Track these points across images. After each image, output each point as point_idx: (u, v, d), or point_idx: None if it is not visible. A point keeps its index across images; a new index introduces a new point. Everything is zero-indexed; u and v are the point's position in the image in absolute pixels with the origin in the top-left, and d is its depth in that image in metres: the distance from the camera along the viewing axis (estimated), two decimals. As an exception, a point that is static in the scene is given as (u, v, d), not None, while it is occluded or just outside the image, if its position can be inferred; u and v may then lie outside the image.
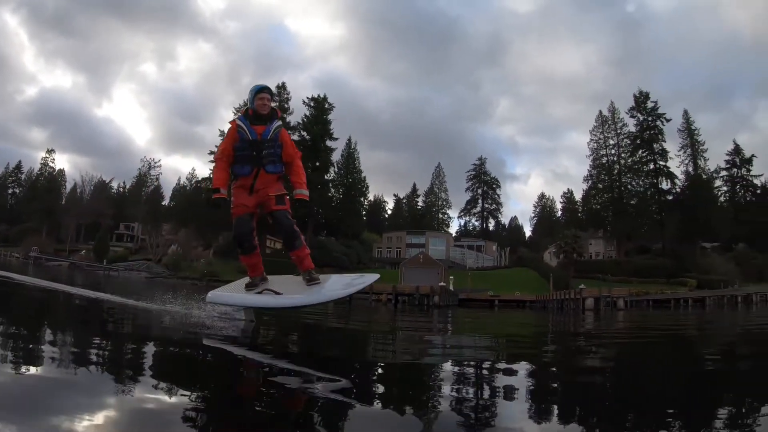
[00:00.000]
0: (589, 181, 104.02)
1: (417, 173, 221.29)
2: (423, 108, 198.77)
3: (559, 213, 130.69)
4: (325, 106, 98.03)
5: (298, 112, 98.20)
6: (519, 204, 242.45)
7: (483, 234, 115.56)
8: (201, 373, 4.06)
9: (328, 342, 7.60)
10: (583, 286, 55.32)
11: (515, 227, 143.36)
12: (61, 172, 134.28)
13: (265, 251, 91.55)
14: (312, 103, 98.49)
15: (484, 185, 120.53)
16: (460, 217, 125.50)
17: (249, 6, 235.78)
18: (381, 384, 4.12)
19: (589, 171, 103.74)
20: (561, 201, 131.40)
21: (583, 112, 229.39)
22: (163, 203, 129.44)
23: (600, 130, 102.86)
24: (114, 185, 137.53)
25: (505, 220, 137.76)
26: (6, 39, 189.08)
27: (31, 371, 3.27)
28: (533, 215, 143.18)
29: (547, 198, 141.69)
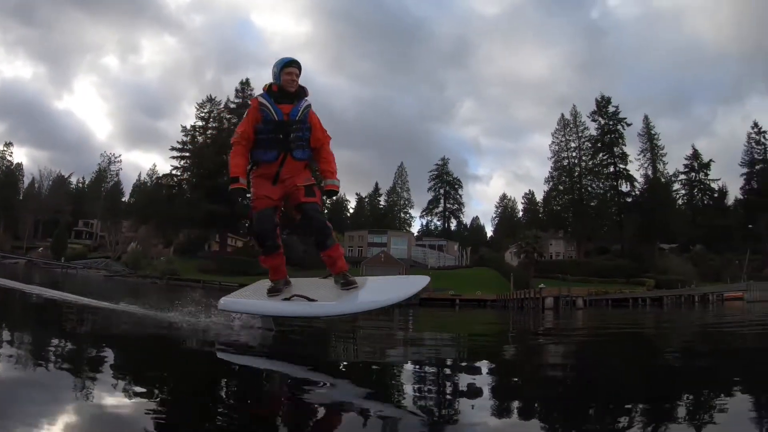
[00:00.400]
0: (551, 183, 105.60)
1: (380, 172, 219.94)
2: (387, 107, 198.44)
3: (521, 214, 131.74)
4: None
5: None
6: (481, 204, 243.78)
7: (445, 234, 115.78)
8: (218, 390, 3.74)
9: (296, 342, 7.01)
10: (543, 285, 55.94)
11: (477, 227, 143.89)
12: (19, 166, 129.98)
13: (227, 250, 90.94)
14: None
15: (446, 185, 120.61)
16: (422, 217, 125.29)
17: (215, 0, 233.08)
18: (345, 384, 4.10)
19: (551, 173, 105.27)
20: (522, 202, 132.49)
21: (547, 114, 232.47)
22: (123, 200, 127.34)
23: (562, 133, 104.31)
24: (73, 180, 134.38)
25: (467, 220, 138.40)
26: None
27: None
28: (495, 215, 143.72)
29: (509, 199, 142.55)
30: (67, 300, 10.33)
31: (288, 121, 6.16)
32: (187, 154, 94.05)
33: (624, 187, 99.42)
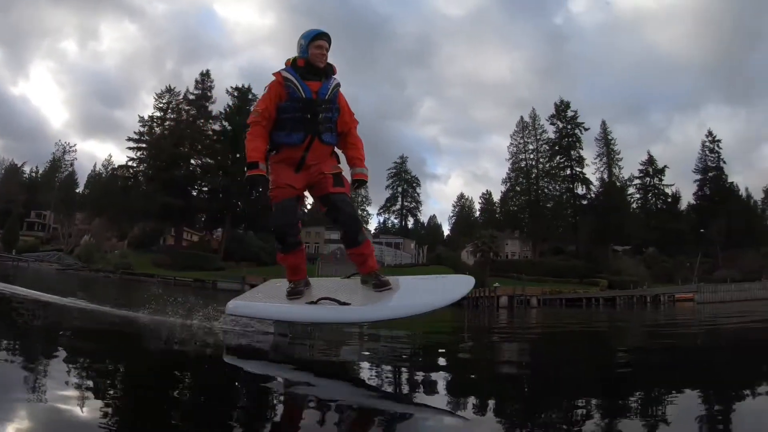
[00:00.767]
0: (508, 184, 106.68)
1: None
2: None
3: (478, 213, 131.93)
4: (249, 96, 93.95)
5: (220, 101, 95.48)
6: (438, 203, 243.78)
7: (402, 232, 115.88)
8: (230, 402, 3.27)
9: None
10: (498, 284, 56.49)
11: (434, 226, 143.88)
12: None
13: (182, 244, 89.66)
14: (236, 93, 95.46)
15: (404, 183, 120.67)
16: (379, 215, 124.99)
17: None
18: (301, 383, 3.98)
19: (508, 174, 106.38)
20: (480, 202, 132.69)
21: (506, 116, 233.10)
22: (78, 191, 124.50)
23: (520, 135, 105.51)
24: (26, 170, 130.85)
25: (425, 218, 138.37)
26: None
27: None
28: (452, 214, 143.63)
29: (467, 198, 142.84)
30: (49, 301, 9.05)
31: (317, 100, 5.47)
32: (144, 145, 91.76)
33: (580, 190, 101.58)
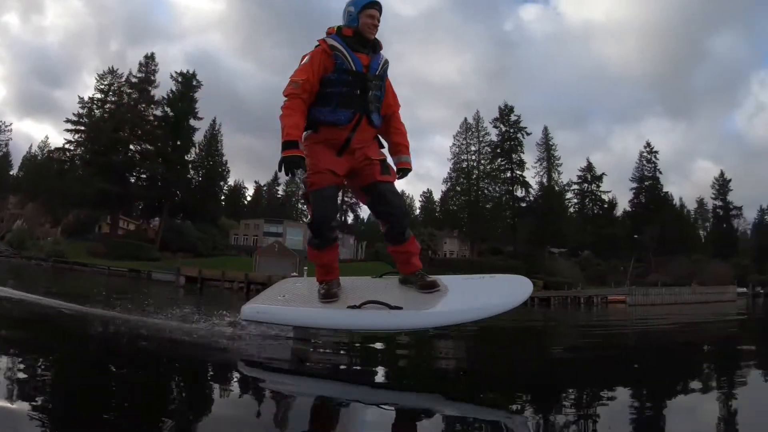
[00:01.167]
0: (449, 183, 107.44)
1: None
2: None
3: (418, 211, 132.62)
4: (193, 83, 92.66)
5: (164, 86, 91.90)
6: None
7: (341, 227, 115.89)
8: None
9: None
10: (434, 281, 57.06)
11: (373, 222, 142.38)
12: None
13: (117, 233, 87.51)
14: (180, 79, 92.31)
15: None
16: None
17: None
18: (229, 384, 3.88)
19: (450, 174, 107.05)
20: (420, 200, 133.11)
21: (451, 117, 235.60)
22: (12, 173, 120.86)
23: (463, 136, 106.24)
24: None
25: (364, 214, 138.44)
26: None
27: None
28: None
29: (407, 196, 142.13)
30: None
31: (368, 75, 4.75)
32: (83, 128, 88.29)
33: (519, 193, 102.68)
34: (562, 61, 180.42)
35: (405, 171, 5.10)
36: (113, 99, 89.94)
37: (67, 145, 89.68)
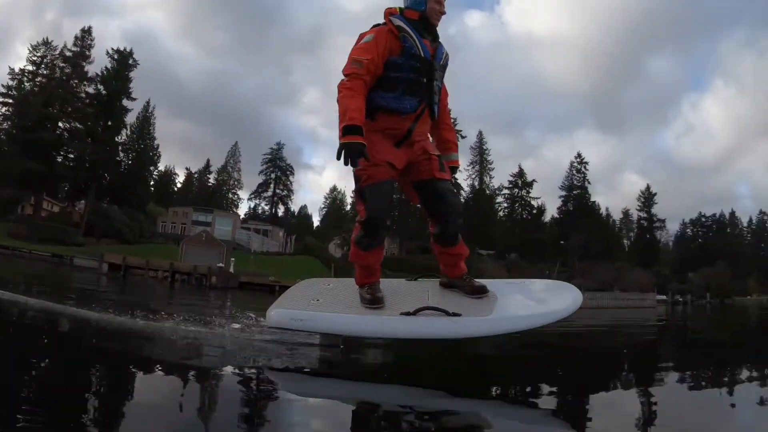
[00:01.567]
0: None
1: (213, 149, 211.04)
2: (232, 84, 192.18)
3: (348, 207, 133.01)
4: (130, 61, 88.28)
5: (98, 62, 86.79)
6: (310, 193, 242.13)
7: (272, 219, 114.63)
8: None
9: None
10: (359, 277, 57.30)
11: (304, 215, 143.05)
12: None
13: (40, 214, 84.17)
14: (116, 56, 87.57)
15: (278, 170, 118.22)
16: (250, 200, 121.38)
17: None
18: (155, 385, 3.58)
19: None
20: (351, 196, 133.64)
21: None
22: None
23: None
24: None
25: (295, 207, 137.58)
26: None
27: None
28: (323, 206, 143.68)
29: (339, 191, 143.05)
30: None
31: (434, 63, 4.39)
32: (11, 100, 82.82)
33: None
34: (502, 69, 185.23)
35: (454, 169, 4.85)
36: (45, 72, 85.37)
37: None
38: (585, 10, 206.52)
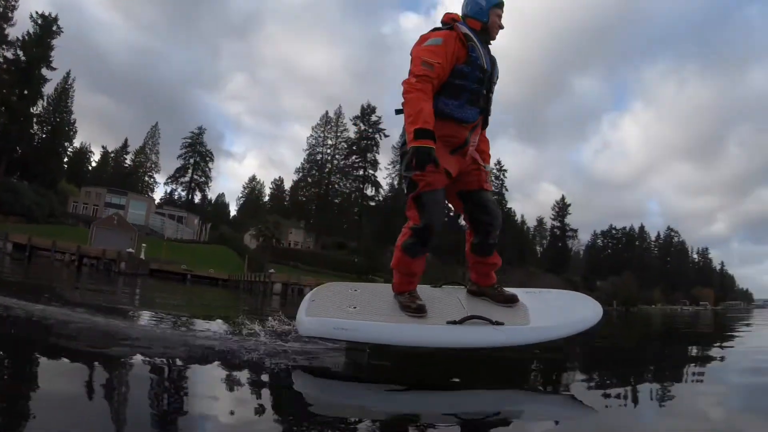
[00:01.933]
0: (301, 174, 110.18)
1: (132, 129, 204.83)
2: (157, 61, 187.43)
3: (267, 198, 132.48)
4: (54, 28, 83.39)
5: (21, 26, 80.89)
6: (229, 181, 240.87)
7: (187, 205, 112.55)
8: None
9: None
10: (273, 270, 57.07)
11: (221, 204, 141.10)
12: None
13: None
14: (39, 21, 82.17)
15: (197, 156, 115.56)
16: (167, 184, 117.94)
17: None
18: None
19: (303, 164, 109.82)
20: (270, 187, 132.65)
21: (313, 109, 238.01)
22: None
23: (322, 128, 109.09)
24: None
25: (213, 195, 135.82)
26: None
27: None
28: (241, 195, 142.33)
29: (258, 181, 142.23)
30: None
31: (493, 75, 4.40)
32: None
33: (369, 191, 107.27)
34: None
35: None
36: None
37: None
38: (520, 21, 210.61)
